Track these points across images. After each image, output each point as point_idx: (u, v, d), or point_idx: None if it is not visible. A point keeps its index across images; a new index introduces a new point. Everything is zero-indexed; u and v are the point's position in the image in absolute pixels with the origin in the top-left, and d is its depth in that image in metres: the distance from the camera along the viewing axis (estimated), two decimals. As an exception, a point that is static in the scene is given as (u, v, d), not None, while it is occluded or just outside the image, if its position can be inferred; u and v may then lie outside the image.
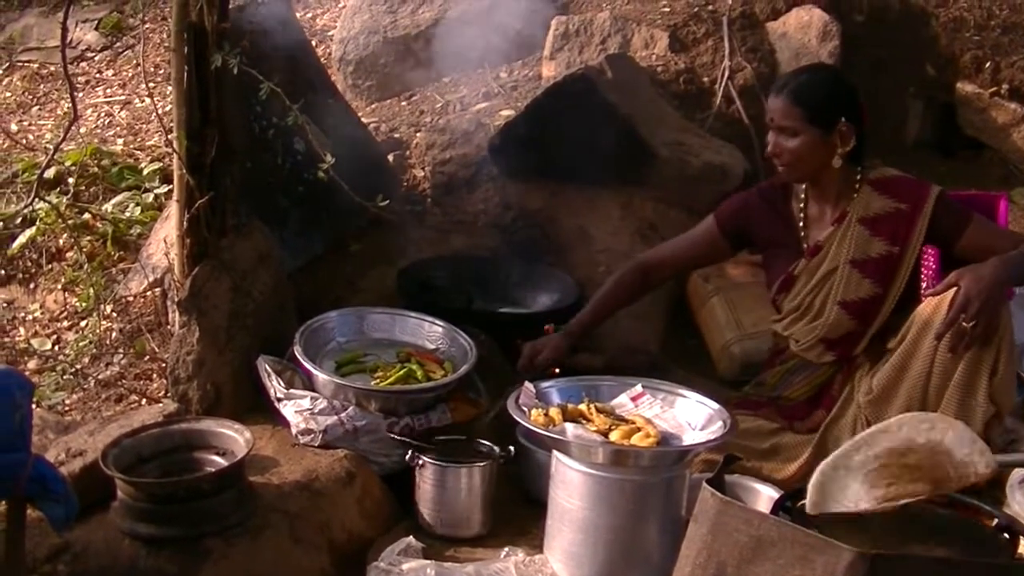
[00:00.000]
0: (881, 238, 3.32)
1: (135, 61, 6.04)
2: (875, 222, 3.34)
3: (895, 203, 3.33)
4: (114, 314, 4.12)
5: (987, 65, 5.15)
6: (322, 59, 5.33)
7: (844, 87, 3.38)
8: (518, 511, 3.31)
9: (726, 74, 5.06)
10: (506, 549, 3.07)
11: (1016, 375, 3.19)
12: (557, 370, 3.83)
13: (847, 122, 3.31)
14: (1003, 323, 3.05)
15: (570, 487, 2.94)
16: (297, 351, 3.36)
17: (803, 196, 3.47)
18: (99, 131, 5.36)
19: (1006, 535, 2.60)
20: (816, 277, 3.40)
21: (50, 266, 4.50)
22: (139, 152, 5.06)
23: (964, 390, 3.08)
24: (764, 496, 3.12)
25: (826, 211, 3.43)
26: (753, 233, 3.56)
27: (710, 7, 5.33)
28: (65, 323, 4.27)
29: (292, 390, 3.31)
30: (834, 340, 3.37)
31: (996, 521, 2.65)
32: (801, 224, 3.46)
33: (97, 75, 6.09)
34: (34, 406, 3.17)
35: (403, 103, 5.46)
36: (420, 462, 3.17)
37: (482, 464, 3.20)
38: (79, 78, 5.97)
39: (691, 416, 3.11)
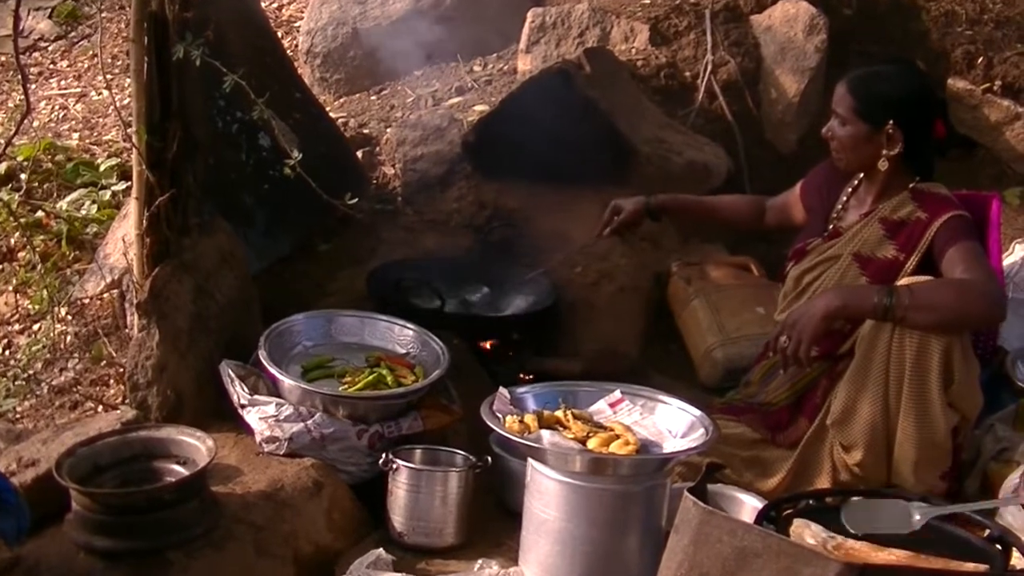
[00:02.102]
0: (894, 242, 3.36)
1: (92, 51, 6.02)
2: (895, 226, 3.38)
3: (919, 212, 3.36)
4: (69, 317, 4.10)
5: (979, 61, 5.19)
6: (289, 51, 5.33)
7: (908, 90, 3.37)
8: (492, 522, 3.31)
9: (709, 69, 5.09)
10: (480, 561, 3.07)
11: (979, 380, 3.24)
12: (531, 376, 3.85)
13: (896, 126, 3.33)
14: (940, 336, 3.09)
15: (546, 497, 2.94)
16: (262, 355, 3.36)
17: (856, 181, 3.51)
18: (53, 125, 5.34)
19: (998, 546, 2.63)
20: (819, 259, 3.45)
21: (1, 267, 4.47)
22: (95, 147, 5.05)
23: (918, 403, 3.13)
24: (748, 506, 3.13)
25: (865, 204, 3.47)
26: (811, 196, 3.66)
27: (692, -1, 5.36)
28: (17, 326, 4.25)
29: (257, 396, 3.31)
30: None
31: (988, 532, 2.68)
32: (840, 207, 3.52)
33: (51, 66, 6.07)
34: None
35: (373, 97, 5.46)
36: (394, 466, 3.18)
37: (458, 469, 3.21)
38: (32, 69, 5.95)
39: (672, 423, 3.12)
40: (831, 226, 3.52)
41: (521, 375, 3.89)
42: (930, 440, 3.15)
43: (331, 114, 5.08)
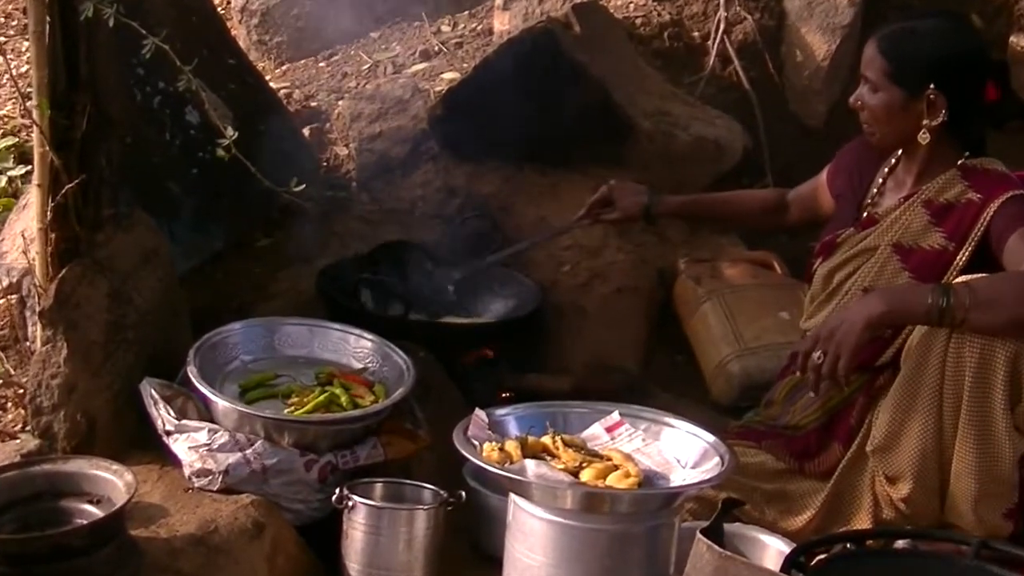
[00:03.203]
0: (941, 230, 3.33)
1: (-18, 10, 5.99)
2: (942, 210, 3.34)
3: (971, 193, 3.32)
4: (-42, 327, 4.08)
5: (1048, 14, 5.20)
6: (220, 10, 5.31)
7: (951, 48, 3.34)
8: (467, 569, 3.32)
9: (722, 27, 5.09)
10: (452, 617, 3.07)
11: None
12: (512, 394, 3.85)
13: (937, 90, 3.29)
14: (1007, 343, 3.07)
15: (531, 539, 2.94)
16: (191, 372, 3.35)
17: (893, 160, 3.50)
18: (-66, 98, 5.31)
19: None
20: (851, 252, 3.44)
21: None
22: (-12, 124, 5.03)
23: (979, 425, 3.11)
24: (772, 549, 3.13)
25: (905, 185, 3.45)
26: (840, 179, 3.66)
27: (701, -55, 5.37)
28: None
29: (185, 421, 3.30)
30: None
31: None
32: (875, 191, 3.51)
33: (-66, 28, 6.04)
34: None
35: (322, 64, 5.46)
36: (350, 503, 3.17)
37: (426, 507, 3.20)
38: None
39: (681, 450, 3.12)
40: (864, 213, 3.51)
41: (500, 394, 3.88)
42: (992, 470, 3.14)
43: (272, 84, 5.07)
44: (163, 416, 3.31)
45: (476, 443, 3.07)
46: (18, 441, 3.37)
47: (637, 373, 4.13)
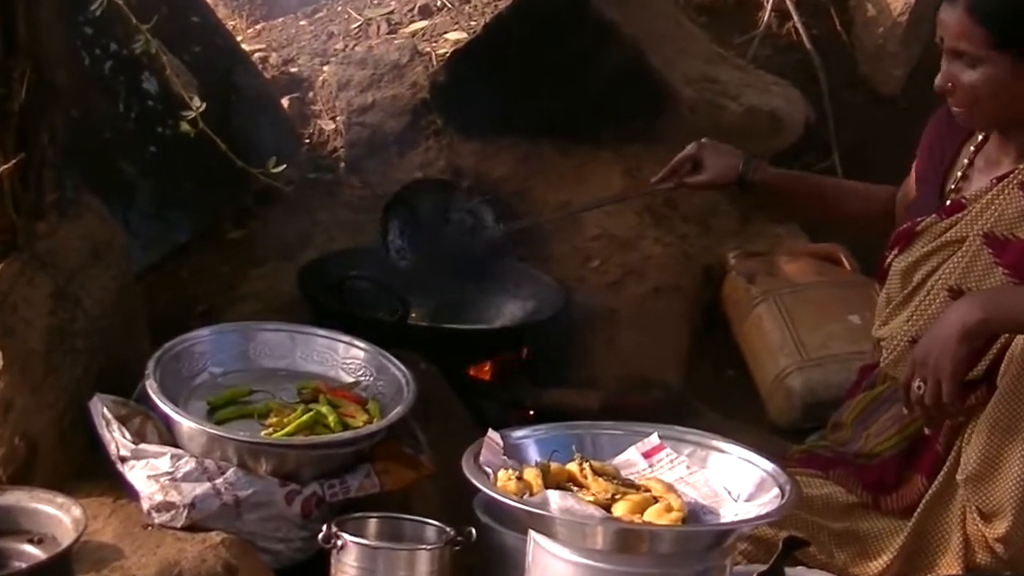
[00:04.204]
0: None
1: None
2: None
3: None
4: None
5: None
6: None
7: None
8: (478, 619, 3.31)
9: (778, -23, 5.12)
10: (461, 677, 3.07)
11: None
12: (531, 413, 3.84)
13: None
14: None
15: (555, 584, 2.94)
16: (151, 387, 3.34)
17: (981, 136, 3.47)
18: None
19: None
20: (933, 244, 3.42)
21: None
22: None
23: None
24: (840, 597, 3.13)
25: (999, 164, 3.42)
26: (922, 159, 3.62)
27: None
28: None
29: (144, 445, 3.29)
30: None
31: None
32: (960, 171, 3.49)
33: None
34: None
35: (303, 22, 5.46)
36: (339, 542, 3.16)
37: (429, 547, 3.20)
38: None
39: (732, 480, 3.10)
40: (949, 198, 3.50)
41: (517, 412, 3.89)
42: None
43: (244, 46, 5.07)
44: (117, 439, 3.31)
45: (489, 471, 3.04)
46: (-54, 470, 3.37)
47: (679, 388, 4.13)
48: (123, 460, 3.29)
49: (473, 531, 3.26)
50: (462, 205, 4.20)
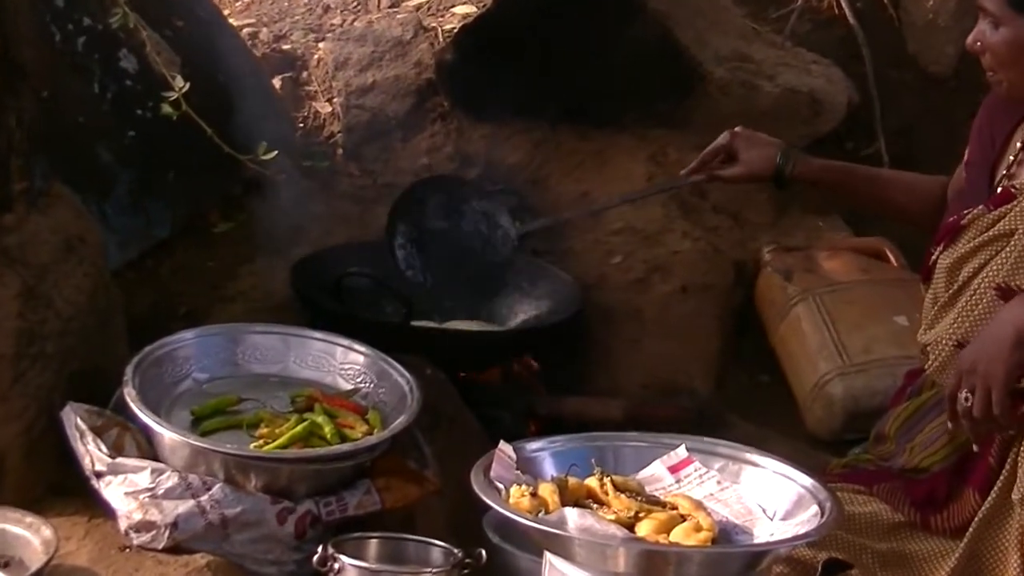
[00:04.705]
0: None
1: None
2: None
3: None
4: None
5: None
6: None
7: None
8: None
9: (818, -54, 5.12)
10: None
11: None
12: (546, 423, 3.84)
13: None
14: None
15: (573, 611, 2.94)
16: (129, 395, 3.35)
17: None
18: None
19: None
20: (981, 238, 3.41)
21: None
22: None
23: None
24: (886, 625, 3.13)
25: None
26: (972, 144, 3.60)
27: None
28: None
29: (121, 459, 3.29)
30: None
31: None
32: (1012, 157, 3.49)
33: None
34: None
35: (297, -6, 5.47)
36: (336, 564, 3.16)
37: (435, 570, 3.21)
38: None
39: (767, 496, 3.10)
40: (999, 187, 3.49)
41: (532, 422, 3.88)
42: None
43: (232, 21, 5.07)
44: (92, 452, 3.31)
45: (501, 486, 3.03)
46: (-96, 487, 3.38)
47: (709, 396, 4.13)
48: (98, 475, 3.29)
49: (483, 553, 3.27)
50: (475, 205, 4.18)
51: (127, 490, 3.26)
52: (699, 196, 4.59)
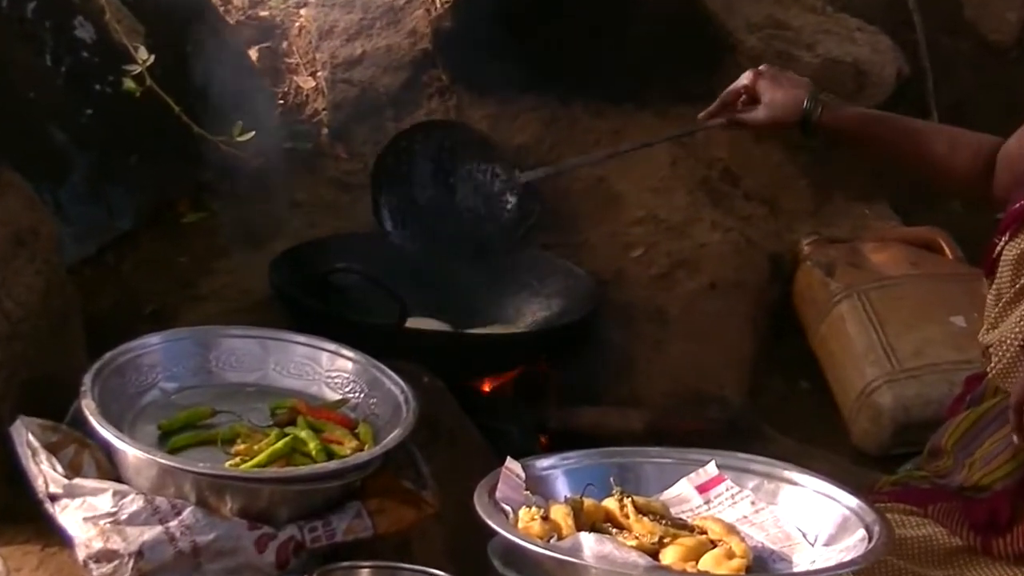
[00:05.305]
0: None
1: None
2: None
3: None
4: None
5: None
6: None
7: None
8: None
9: (863, -101, 5.11)
10: None
11: None
12: (559, 437, 3.83)
13: None
14: None
15: (590, 648, 2.93)
16: (88, 407, 3.33)
17: None
18: None
19: None
20: None
21: None
22: None
23: None
24: (942, 662, 3.12)
25: None
26: None
27: None
28: None
29: (79, 480, 3.28)
30: None
31: None
32: None
33: None
34: None
35: (275, -45, 5.47)
36: (323, 598, 3.17)
37: (434, 605, 3.21)
38: None
39: (808, 519, 3.11)
40: None
41: (543, 437, 3.87)
42: None
43: (204, -15, 5.07)
44: (46, 473, 3.29)
45: (508, 509, 3.04)
46: None
47: (742, 406, 4.12)
48: (53, 498, 3.28)
49: (489, 584, 3.26)
50: (470, 156, 4.20)
51: (86, 515, 3.24)
52: (730, 182, 4.58)
